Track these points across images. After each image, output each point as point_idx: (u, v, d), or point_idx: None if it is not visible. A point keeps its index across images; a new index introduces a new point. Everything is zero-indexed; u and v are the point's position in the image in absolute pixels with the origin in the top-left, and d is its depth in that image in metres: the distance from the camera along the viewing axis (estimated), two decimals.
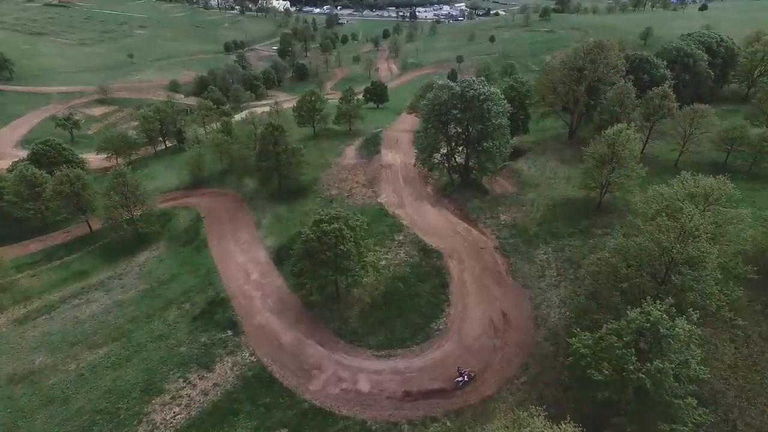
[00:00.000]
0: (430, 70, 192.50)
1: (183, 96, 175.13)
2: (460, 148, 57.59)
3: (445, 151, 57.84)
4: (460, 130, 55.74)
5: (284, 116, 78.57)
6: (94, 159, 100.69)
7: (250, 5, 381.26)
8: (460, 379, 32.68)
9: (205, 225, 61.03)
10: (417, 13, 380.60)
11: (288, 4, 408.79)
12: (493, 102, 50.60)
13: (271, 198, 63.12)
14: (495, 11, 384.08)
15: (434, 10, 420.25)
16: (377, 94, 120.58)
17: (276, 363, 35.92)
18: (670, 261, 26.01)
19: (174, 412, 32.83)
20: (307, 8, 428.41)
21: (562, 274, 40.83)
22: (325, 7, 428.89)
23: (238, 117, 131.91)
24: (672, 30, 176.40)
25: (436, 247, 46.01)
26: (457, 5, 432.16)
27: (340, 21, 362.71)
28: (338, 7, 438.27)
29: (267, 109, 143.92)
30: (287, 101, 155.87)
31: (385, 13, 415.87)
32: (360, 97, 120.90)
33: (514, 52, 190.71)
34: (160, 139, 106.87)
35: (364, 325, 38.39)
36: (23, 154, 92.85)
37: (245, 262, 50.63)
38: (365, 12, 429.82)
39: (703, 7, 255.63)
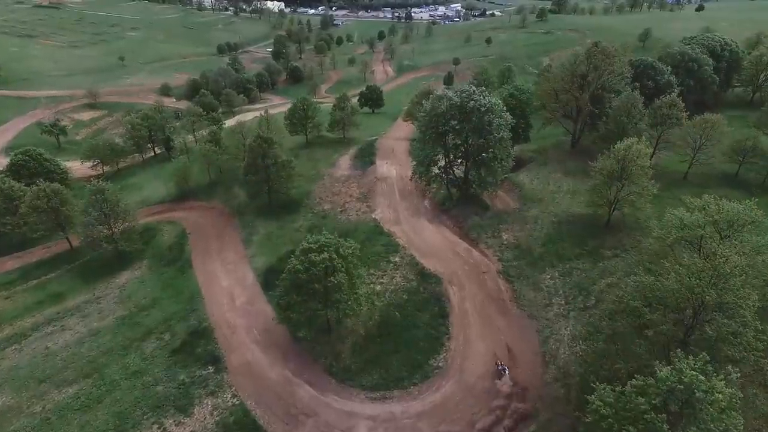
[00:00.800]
0: (427, 72, 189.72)
1: (175, 100, 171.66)
2: (459, 161, 54.61)
3: (443, 163, 54.86)
4: (458, 142, 52.73)
5: (275, 124, 75.19)
6: (80, 167, 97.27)
7: (244, 6, 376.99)
8: (502, 368, 33.69)
9: (190, 242, 57.78)
10: (412, 14, 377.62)
11: (282, 4, 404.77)
12: (495, 114, 47.59)
13: (260, 213, 59.91)
14: (491, 12, 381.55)
15: (430, 10, 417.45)
16: (372, 98, 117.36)
17: (260, 406, 32.71)
18: (701, 305, 23.07)
19: None
20: (302, 9, 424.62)
21: (571, 302, 37.85)
22: (320, 8, 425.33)
23: (230, 122, 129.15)
24: (670, 31, 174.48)
25: (435, 271, 42.95)
26: (452, 6, 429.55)
27: (335, 22, 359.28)
28: (333, 8, 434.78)
29: (259, 114, 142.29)
30: (281, 105, 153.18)
31: (381, 14, 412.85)
32: (354, 101, 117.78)
33: (511, 54, 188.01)
34: (149, 145, 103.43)
35: (358, 362, 35.25)
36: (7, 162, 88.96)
37: (231, 286, 47.40)
38: (360, 13, 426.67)
39: (700, 8, 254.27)
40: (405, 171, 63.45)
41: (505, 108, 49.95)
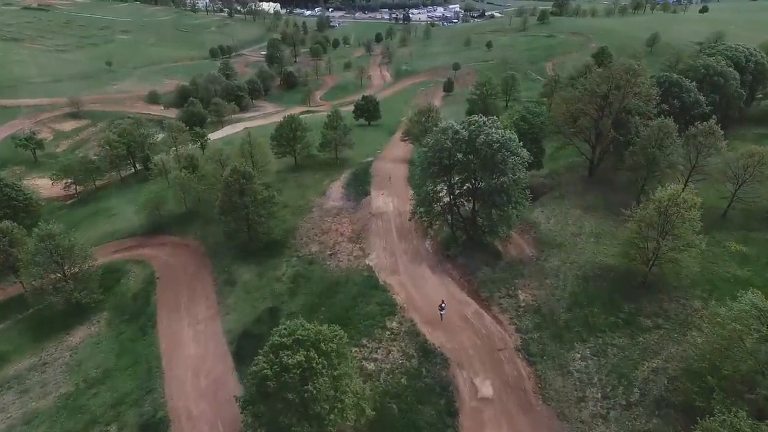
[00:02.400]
0: (425, 77, 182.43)
1: (163, 107, 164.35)
2: (466, 198, 47.19)
3: (447, 200, 47.46)
4: (465, 176, 45.44)
5: (259, 148, 67.55)
6: (53, 186, 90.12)
7: (238, 7, 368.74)
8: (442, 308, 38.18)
9: (157, 290, 50.42)
10: (410, 15, 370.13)
11: (278, 5, 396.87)
12: (510, 151, 40.26)
13: (238, 255, 52.45)
14: (490, 13, 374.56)
15: (428, 12, 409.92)
16: (368, 110, 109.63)
17: None
18: None
19: None
20: (298, 10, 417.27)
21: (610, 396, 30.54)
22: (316, 9, 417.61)
23: (218, 134, 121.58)
24: (676, 35, 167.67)
25: (440, 345, 35.56)
26: (451, 7, 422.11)
27: (331, 24, 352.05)
28: (330, 9, 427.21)
29: (250, 123, 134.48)
30: (274, 114, 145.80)
31: (378, 15, 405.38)
32: (350, 109, 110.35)
33: (513, 59, 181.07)
34: (130, 161, 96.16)
35: None
36: None
37: (198, 355, 40.04)
38: (357, 14, 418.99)
39: (704, 10, 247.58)
40: (403, 204, 56.19)
41: (521, 143, 42.59)
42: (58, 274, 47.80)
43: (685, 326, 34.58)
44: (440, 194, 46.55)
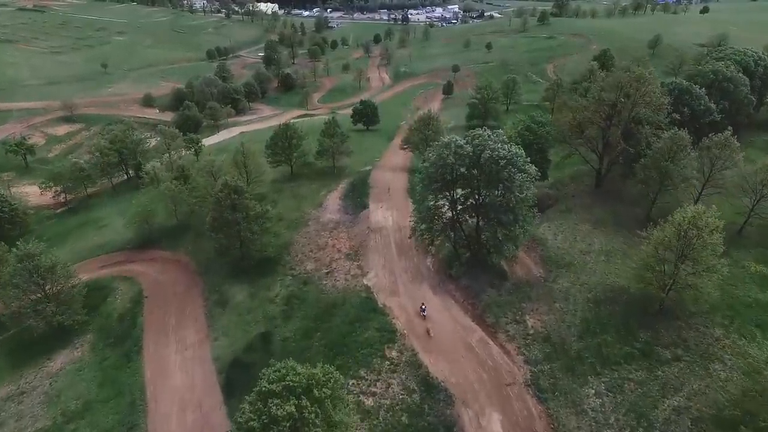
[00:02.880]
0: (425, 79, 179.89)
1: (158, 111, 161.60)
2: (469, 213, 44.70)
3: (450, 215, 44.93)
4: (469, 190, 42.97)
5: (253, 158, 64.94)
6: (42, 193, 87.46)
7: (236, 8, 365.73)
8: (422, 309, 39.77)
9: (145, 311, 47.90)
10: (409, 16, 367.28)
11: (276, 6, 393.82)
12: (517, 168, 37.82)
13: (229, 273, 49.91)
14: (489, 14, 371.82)
15: (426, 12, 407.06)
16: (367, 114, 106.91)
17: None
18: None
19: None
20: (296, 11, 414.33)
21: None
22: (314, 10, 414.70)
23: (213, 139, 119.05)
24: (678, 36, 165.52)
25: (444, 379, 33.12)
26: (449, 7, 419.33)
27: (329, 24, 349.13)
28: (328, 10, 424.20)
29: (246, 127, 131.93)
30: (271, 118, 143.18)
31: (377, 16, 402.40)
32: (346, 112, 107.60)
33: (513, 60, 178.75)
34: (122, 168, 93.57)
35: None
36: None
37: (185, 386, 37.57)
38: (356, 15, 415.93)
39: (705, 10, 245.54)
40: (403, 218, 53.68)
41: (528, 158, 40.10)
42: (39, 295, 45.19)
43: (707, 358, 32.22)
44: (442, 209, 44.15)
